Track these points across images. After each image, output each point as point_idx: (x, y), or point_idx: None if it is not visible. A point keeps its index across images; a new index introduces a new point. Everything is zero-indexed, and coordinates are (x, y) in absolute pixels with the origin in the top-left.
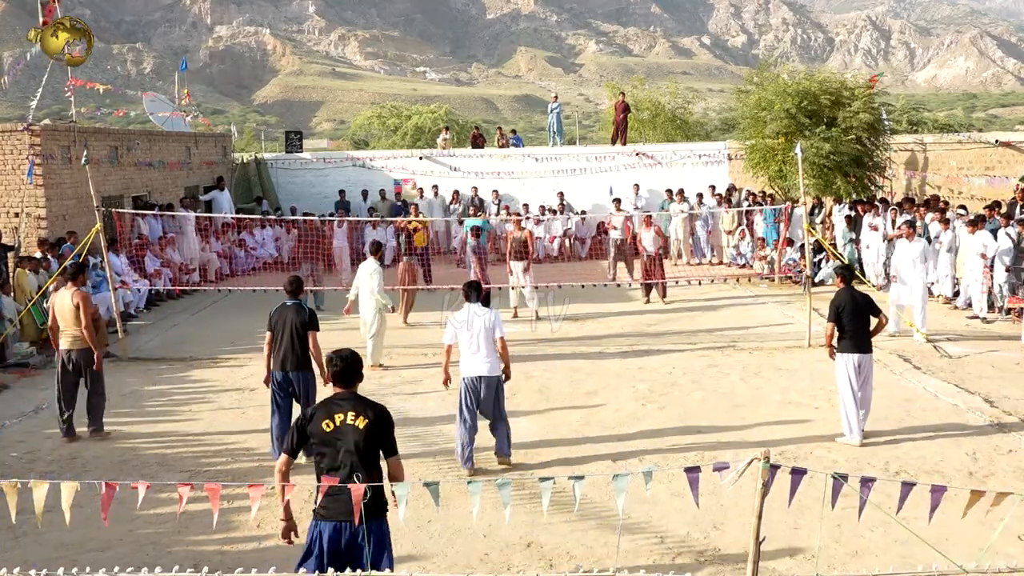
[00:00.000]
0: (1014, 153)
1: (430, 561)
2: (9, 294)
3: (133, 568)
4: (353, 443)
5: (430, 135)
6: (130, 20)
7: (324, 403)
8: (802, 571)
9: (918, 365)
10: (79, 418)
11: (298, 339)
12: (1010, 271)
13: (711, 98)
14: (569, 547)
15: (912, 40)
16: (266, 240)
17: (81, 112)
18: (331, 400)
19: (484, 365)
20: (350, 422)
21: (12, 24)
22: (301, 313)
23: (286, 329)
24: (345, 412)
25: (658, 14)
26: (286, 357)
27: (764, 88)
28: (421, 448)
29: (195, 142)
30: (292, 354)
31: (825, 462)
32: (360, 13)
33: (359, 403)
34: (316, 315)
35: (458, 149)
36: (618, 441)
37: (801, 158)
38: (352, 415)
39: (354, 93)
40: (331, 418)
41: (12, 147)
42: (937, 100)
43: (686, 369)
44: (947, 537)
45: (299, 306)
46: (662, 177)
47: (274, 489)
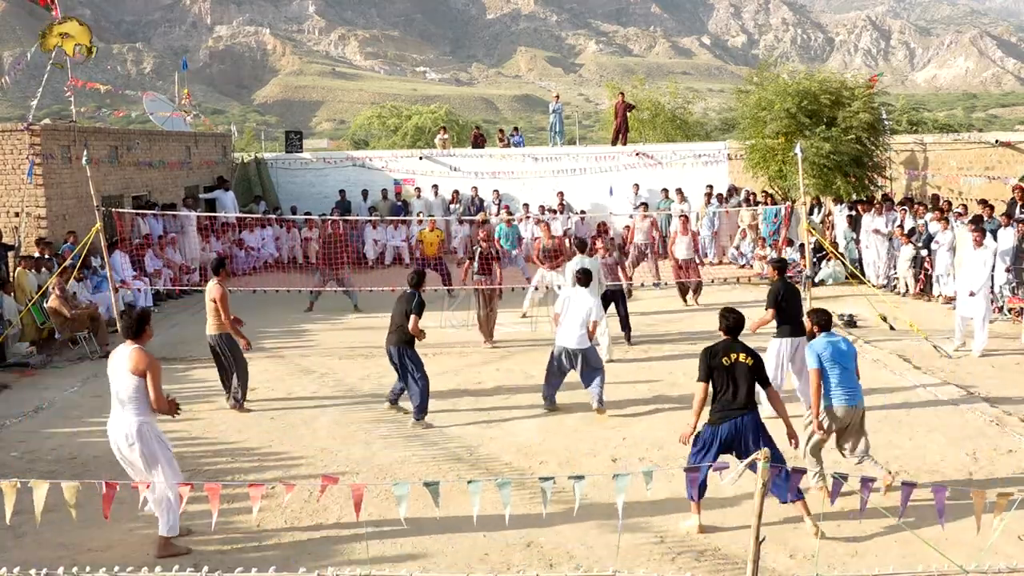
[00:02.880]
0: (1014, 153)
1: (430, 561)
2: (9, 294)
3: (133, 568)
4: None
5: (430, 135)
6: (130, 20)
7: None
8: (802, 571)
9: (918, 365)
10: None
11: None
12: (1010, 271)
13: (711, 98)
14: (569, 547)
15: (912, 40)
16: (266, 240)
17: (81, 112)
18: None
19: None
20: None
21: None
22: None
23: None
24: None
25: (658, 14)
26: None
27: (764, 88)
28: (422, 448)
29: (195, 142)
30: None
31: (825, 462)
32: (360, 13)
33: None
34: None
35: (458, 149)
36: (618, 441)
37: (801, 158)
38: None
39: (354, 93)
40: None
41: (12, 147)
42: (937, 100)
43: (686, 369)
44: (947, 537)
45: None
46: (662, 177)
47: (274, 489)
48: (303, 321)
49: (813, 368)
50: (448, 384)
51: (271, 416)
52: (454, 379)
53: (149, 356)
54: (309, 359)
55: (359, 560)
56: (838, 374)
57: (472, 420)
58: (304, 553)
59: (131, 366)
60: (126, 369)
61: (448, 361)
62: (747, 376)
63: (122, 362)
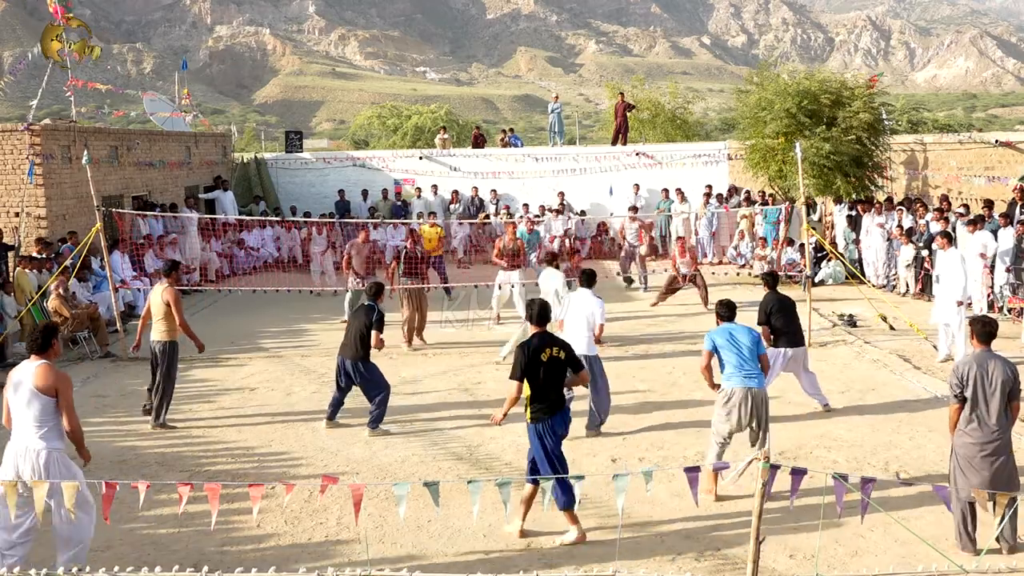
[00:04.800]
0: (1014, 153)
1: (430, 561)
2: (9, 294)
3: (133, 568)
4: None
5: (430, 135)
6: (130, 20)
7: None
8: (802, 571)
9: (918, 365)
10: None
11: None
12: (1010, 271)
13: (711, 98)
14: (569, 547)
15: (912, 40)
16: (266, 240)
17: (81, 112)
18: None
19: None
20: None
21: (12, 24)
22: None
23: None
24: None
25: (658, 14)
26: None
27: (764, 88)
28: (422, 448)
29: (195, 142)
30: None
31: (825, 462)
32: (360, 13)
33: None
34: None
35: (458, 149)
36: (618, 441)
37: (801, 158)
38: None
39: (354, 93)
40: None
41: (12, 147)
42: (937, 100)
43: (686, 369)
44: (947, 537)
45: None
46: (662, 177)
47: (274, 489)
48: (303, 321)
49: (705, 350)
50: (448, 384)
51: (271, 416)
52: (454, 379)
53: (58, 372)
54: (309, 359)
55: (359, 560)
56: (735, 356)
57: (472, 420)
58: (304, 553)
59: (38, 383)
60: (30, 387)
61: (448, 361)
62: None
63: (27, 380)
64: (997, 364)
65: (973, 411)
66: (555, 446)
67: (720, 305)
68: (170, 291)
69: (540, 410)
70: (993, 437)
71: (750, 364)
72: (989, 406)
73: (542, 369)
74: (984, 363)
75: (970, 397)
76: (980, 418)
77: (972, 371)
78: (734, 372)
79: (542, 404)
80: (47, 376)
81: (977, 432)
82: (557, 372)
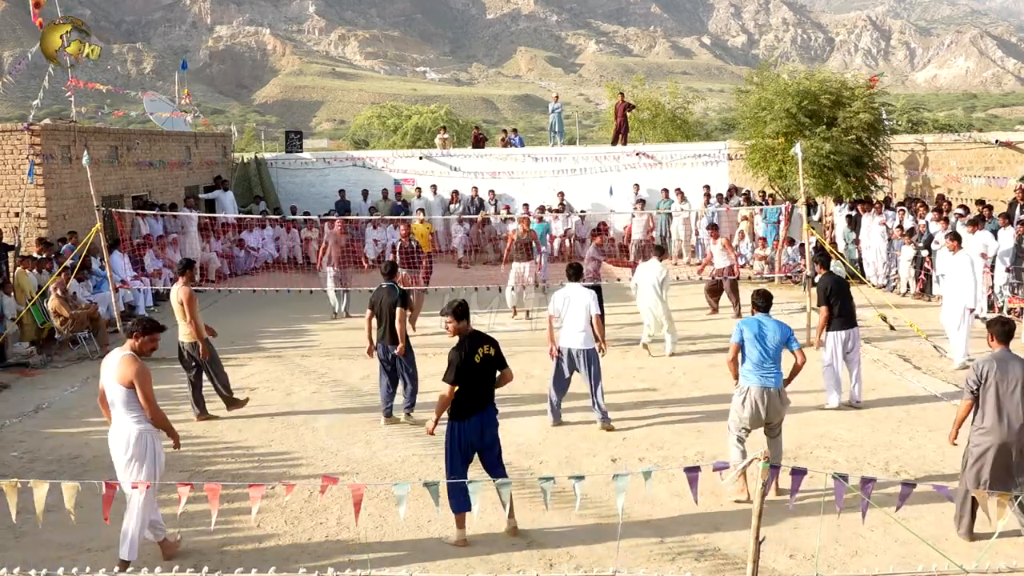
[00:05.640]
0: (1014, 153)
1: (430, 561)
2: (9, 294)
3: (133, 568)
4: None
5: (430, 135)
6: (130, 20)
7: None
8: (802, 571)
9: (918, 365)
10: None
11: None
12: (1010, 271)
13: (711, 98)
14: (569, 547)
15: (912, 40)
16: (266, 240)
17: (81, 112)
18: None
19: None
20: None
21: (12, 24)
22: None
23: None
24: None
25: (658, 14)
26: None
27: (764, 88)
28: (422, 448)
29: (195, 142)
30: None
31: (825, 462)
32: (360, 13)
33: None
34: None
35: (458, 149)
36: (618, 441)
37: (801, 158)
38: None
39: (354, 93)
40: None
41: (12, 147)
42: (937, 100)
43: (686, 369)
44: (947, 537)
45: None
46: (662, 177)
47: (274, 489)
48: (303, 321)
49: (733, 343)
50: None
51: (271, 416)
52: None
53: (137, 367)
54: (309, 359)
55: (359, 560)
56: (757, 353)
57: None
58: (304, 553)
59: (116, 375)
60: (112, 377)
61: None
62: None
63: (110, 369)
64: (1016, 363)
65: (993, 409)
66: (467, 448)
67: (756, 295)
68: (184, 290)
69: (458, 412)
70: (1011, 434)
71: (771, 362)
72: (1008, 404)
73: (475, 370)
74: (1003, 362)
75: (990, 395)
76: (1000, 415)
77: (992, 370)
78: (753, 369)
79: (465, 404)
80: (125, 370)
81: (996, 429)
82: (489, 371)
